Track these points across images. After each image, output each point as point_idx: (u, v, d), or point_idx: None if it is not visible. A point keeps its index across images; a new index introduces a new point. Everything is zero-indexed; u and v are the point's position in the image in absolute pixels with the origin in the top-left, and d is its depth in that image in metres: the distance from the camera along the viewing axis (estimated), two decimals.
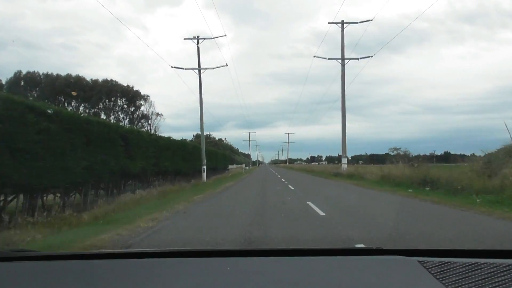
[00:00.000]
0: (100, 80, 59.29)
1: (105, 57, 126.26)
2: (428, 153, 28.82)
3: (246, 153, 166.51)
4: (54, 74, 58.36)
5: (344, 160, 30.03)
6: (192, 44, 30.06)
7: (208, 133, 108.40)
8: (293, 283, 1.40)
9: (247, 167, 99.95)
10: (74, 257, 1.87)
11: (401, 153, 26.20)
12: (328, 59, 30.78)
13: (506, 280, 1.32)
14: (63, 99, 57.59)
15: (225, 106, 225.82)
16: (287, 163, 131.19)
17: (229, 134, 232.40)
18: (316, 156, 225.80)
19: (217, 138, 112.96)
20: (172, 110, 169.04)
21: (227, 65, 29.92)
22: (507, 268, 1.40)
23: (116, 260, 1.81)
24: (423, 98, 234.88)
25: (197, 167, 30.40)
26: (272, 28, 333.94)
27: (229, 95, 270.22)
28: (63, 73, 57.79)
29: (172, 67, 29.47)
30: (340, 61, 30.52)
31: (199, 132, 31.21)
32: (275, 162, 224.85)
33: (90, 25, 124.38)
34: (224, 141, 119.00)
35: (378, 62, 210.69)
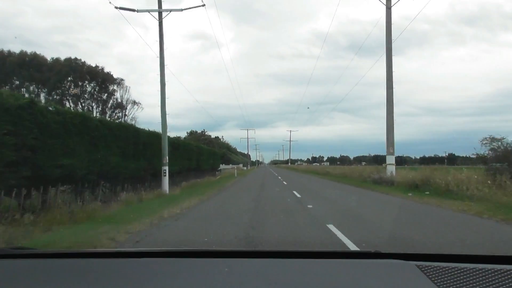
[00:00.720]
0: (62, 58, 48.09)
1: (104, 56, 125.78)
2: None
3: (245, 152, 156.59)
4: (5, 50, 47.03)
5: (391, 159, 18.80)
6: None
7: (203, 130, 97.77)
8: (291, 285, 1.39)
9: (245, 168, 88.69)
10: (72, 255, 1.88)
11: (501, 147, 15.07)
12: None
13: (505, 286, 1.29)
14: (17, 81, 46.50)
15: (225, 106, 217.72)
16: (289, 164, 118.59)
17: (229, 134, 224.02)
18: (317, 156, 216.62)
19: (213, 136, 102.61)
20: (171, 110, 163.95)
21: (204, 5, 18.85)
22: (506, 274, 1.37)
23: (114, 259, 1.78)
24: (423, 100, 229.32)
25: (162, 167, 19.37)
26: (272, 28, 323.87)
27: (229, 95, 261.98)
28: None
29: (116, 8, 18.38)
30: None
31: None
32: (275, 163, 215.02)
33: (90, 23, 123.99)
34: (221, 139, 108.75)
35: (379, 64, 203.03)
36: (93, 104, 51.19)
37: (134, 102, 52.39)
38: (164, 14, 18.56)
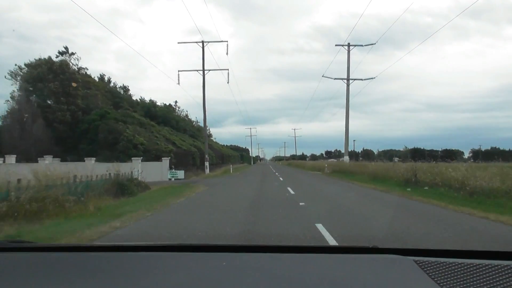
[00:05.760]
0: None
1: (102, 51, 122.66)
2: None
3: (249, 149, 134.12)
4: None
5: None
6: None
7: (105, 76, 53.52)
8: (289, 280, 1.39)
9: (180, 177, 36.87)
10: (70, 249, 1.89)
11: None
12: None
13: (502, 282, 1.29)
14: None
15: (226, 102, 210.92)
16: (333, 159, 62.35)
17: (230, 131, 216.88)
18: (333, 151, 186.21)
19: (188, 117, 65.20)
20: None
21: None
22: (503, 269, 1.37)
23: (112, 253, 1.79)
24: (426, 95, 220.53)
25: None
26: (272, 23, 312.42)
27: (229, 91, 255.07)
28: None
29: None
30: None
31: None
32: (279, 159, 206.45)
33: (87, 17, 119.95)
34: (175, 107, 64.44)
35: (381, 59, 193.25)
36: None
37: None
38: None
